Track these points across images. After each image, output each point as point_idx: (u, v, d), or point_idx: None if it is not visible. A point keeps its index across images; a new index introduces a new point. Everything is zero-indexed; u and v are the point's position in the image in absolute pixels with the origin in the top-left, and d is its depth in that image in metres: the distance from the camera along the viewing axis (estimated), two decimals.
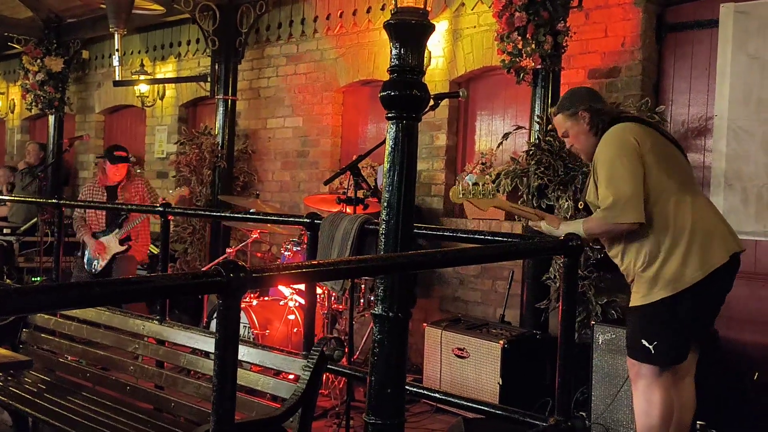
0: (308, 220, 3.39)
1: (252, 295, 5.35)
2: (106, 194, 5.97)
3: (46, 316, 4.00)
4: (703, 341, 3.43)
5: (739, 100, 4.42)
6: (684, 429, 3.41)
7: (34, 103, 8.98)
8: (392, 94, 2.27)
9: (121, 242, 5.87)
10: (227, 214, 5.17)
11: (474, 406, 2.90)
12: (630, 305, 3.31)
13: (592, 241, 3.56)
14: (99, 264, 5.86)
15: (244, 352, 3.00)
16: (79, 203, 5.96)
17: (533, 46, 4.60)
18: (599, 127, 3.33)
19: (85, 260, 5.95)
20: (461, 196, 3.35)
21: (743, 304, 4.56)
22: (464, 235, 3.04)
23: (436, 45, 5.94)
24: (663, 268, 3.14)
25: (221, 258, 6.12)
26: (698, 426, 3.69)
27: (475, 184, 3.35)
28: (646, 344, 3.16)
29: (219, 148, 7.10)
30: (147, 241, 6.21)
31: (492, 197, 3.39)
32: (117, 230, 5.87)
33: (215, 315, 5.13)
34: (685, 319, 3.17)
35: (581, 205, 3.59)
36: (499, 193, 3.46)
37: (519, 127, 5.13)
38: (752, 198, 4.39)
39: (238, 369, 1.69)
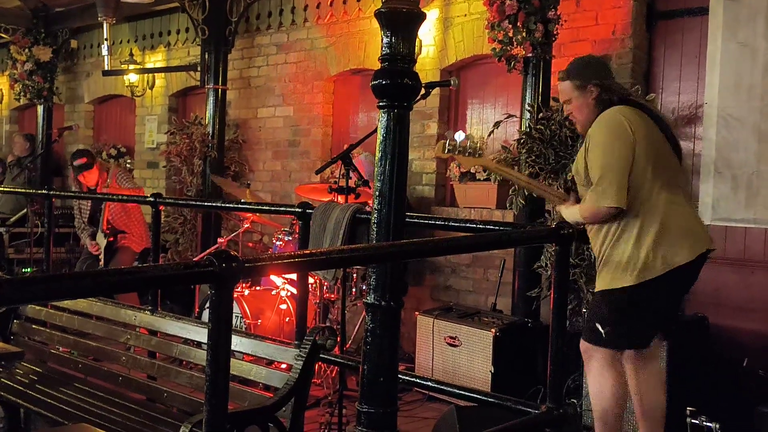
0: (300, 210, 3.39)
1: (244, 285, 5.34)
2: (90, 201, 6.27)
3: (37, 307, 3.99)
4: (665, 329, 3.47)
5: (729, 87, 4.43)
6: (653, 413, 3.43)
7: (22, 93, 8.91)
8: (383, 82, 2.26)
9: (106, 235, 6.00)
10: (218, 204, 5.16)
11: (466, 394, 2.91)
12: (595, 289, 3.36)
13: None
14: (101, 261, 6.11)
15: (237, 342, 3.00)
16: (69, 194, 6.00)
17: (524, 34, 4.60)
18: (605, 104, 3.32)
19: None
20: (446, 152, 3.33)
21: (733, 290, 4.58)
22: (456, 224, 3.04)
23: (427, 33, 5.93)
24: (627, 256, 3.17)
25: (213, 248, 6.11)
26: (688, 412, 3.71)
27: (462, 140, 3.34)
28: (599, 328, 3.21)
29: (209, 137, 7.06)
30: (141, 231, 6.23)
31: (478, 156, 3.38)
32: (101, 226, 6.07)
33: (207, 305, 5.13)
34: (644, 309, 3.22)
35: (570, 176, 3.59)
36: (483, 155, 3.42)
37: (510, 116, 5.13)
38: (742, 185, 4.41)
39: (231, 359, 1.69)
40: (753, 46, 4.37)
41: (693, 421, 3.67)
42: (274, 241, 5.45)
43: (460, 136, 3.36)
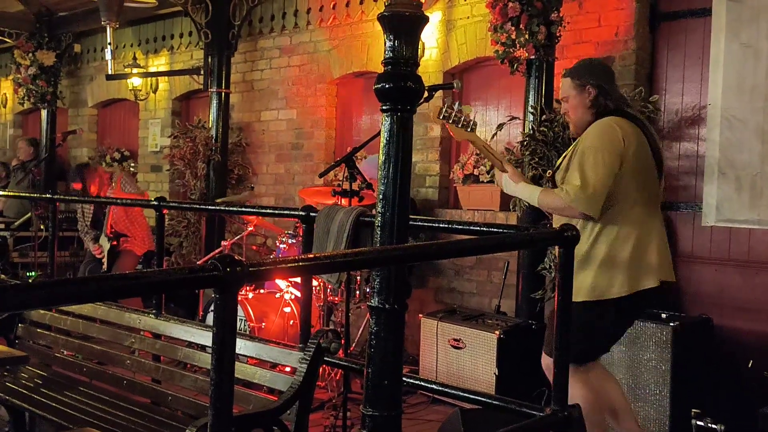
0: (303, 213, 3.39)
1: (248, 288, 5.35)
2: (93, 205, 6.38)
3: (42, 311, 3.99)
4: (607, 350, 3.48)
5: (732, 88, 4.43)
6: (620, 411, 3.42)
7: (26, 98, 8.93)
8: (387, 86, 2.26)
9: (110, 239, 6.04)
10: (222, 208, 5.17)
11: (470, 396, 2.90)
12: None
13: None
14: (104, 264, 6.16)
15: (241, 345, 3.00)
16: (74, 198, 6.03)
17: (527, 36, 4.60)
18: (600, 108, 3.31)
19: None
20: (441, 117, 3.32)
21: (737, 292, 4.58)
22: (460, 227, 3.04)
23: (430, 36, 5.93)
24: (594, 270, 3.17)
25: (216, 251, 6.12)
26: (693, 413, 3.71)
27: (459, 111, 3.32)
28: None
29: (213, 141, 7.08)
30: (144, 234, 6.26)
31: (470, 131, 3.38)
32: (104, 230, 6.12)
33: (211, 308, 5.13)
34: (602, 328, 3.22)
35: (549, 174, 3.57)
36: (475, 131, 3.41)
37: (513, 118, 5.13)
38: (746, 186, 4.40)
39: (235, 362, 1.69)
40: (756, 46, 4.37)
41: (698, 422, 3.66)
42: (278, 244, 5.45)
43: (458, 105, 3.33)
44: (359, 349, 5.26)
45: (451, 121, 3.29)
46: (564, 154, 3.40)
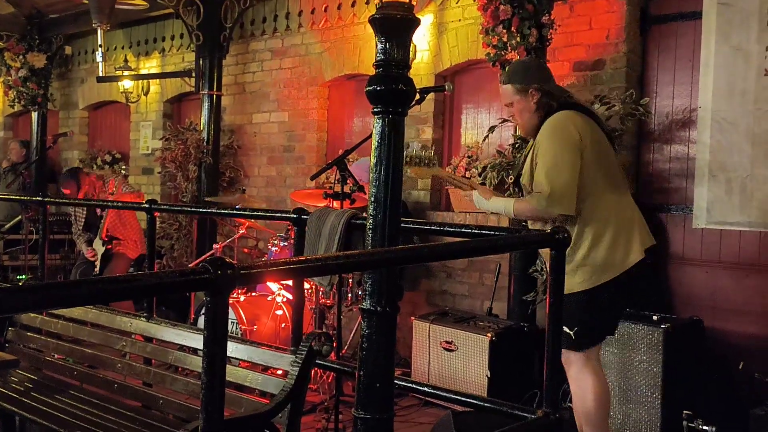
0: (295, 216, 3.38)
1: (239, 291, 5.34)
2: (85, 209, 6.40)
3: (32, 315, 3.97)
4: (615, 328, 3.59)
5: (722, 91, 4.45)
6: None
7: (16, 100, 8.90)
8: (378, 88, 2.26)
9: (104, 243, 6.01)
10: (213, 211, 5.16)
11: (462, 399, 2.90)
12: None
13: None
14: (97, 267, 6.16)
15: (232, 348, 2.99)
16: (64, 201, 6.02)
17: (518, 39, 4.61)
18: (546, 108, 3.37)
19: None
20: (404, 164, 3.38)
21: (728, 293, 4.60)
22: (451, 229, 3.04)
23: (422, 39, 5.94)
24: (583, 261, 3.25)
25: (208, 254, 6.11)
26: (684, 415, 3.72)
27: (417, 154, 3.39)
28: (567, 330, 3.26)
29: (204, 143, 7.07)
30: (137, 237, 6.25)
31: (432, 166, 3.44)
32: (98, 233, 6.13)
33: (203, 311, 5.11)
34: (602, 310, 3.30)
35: (511, 179, 3.62)
36: (437, 166, 3.51)
37: (505, 120, 5.13)
38: (736, 189, 4.42)
39: (227, 365, 1.68)
40: (746, 49, 4.39)
41: (690, 424, 3.68)
42: (270, 246, 5.44)
43: (415, 149, 3.42)
44: (351, 352, 5.26)
45: (414, 165, 3.37)
46: (524, 156, 3.44)
